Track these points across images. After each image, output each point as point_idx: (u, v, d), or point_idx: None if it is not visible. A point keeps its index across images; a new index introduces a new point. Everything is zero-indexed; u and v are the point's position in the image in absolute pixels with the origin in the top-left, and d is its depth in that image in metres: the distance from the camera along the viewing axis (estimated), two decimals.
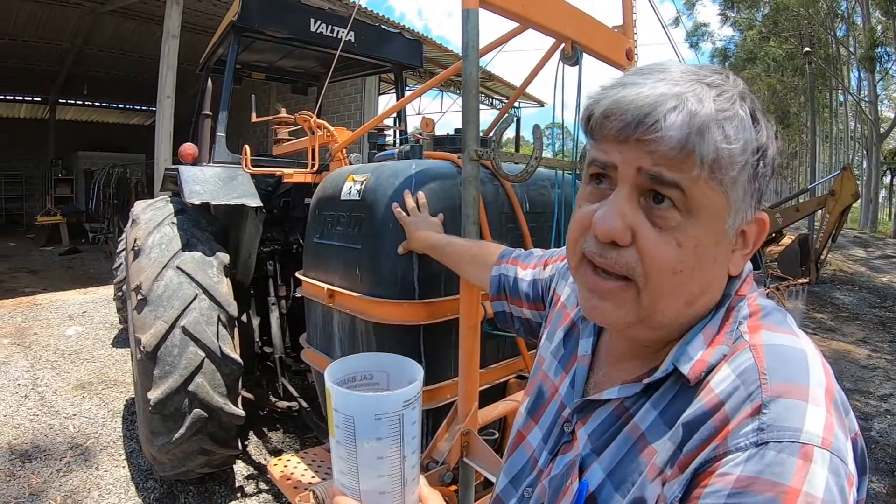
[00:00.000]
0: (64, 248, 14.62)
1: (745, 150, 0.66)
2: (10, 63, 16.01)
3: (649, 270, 0.68)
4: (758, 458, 0.56)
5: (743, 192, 0.69)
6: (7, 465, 3.80)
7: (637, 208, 0.69)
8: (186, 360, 2.95)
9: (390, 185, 2.16)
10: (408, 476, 0.70)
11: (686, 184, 0.66)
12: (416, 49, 4.87)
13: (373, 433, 0.66)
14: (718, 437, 0.61)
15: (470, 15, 1.73)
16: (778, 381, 0.61)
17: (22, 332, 7.00)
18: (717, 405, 0.63)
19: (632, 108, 0.66)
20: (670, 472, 0.65)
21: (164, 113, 9.11)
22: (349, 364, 0.77)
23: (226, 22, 4.00)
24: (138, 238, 3.25)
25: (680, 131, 0.64)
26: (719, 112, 0.65)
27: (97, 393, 5.08)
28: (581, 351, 0.91)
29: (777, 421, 0.58)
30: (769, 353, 0.65)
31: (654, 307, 0.70)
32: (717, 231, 0.69)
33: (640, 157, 0.67)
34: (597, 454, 0.76)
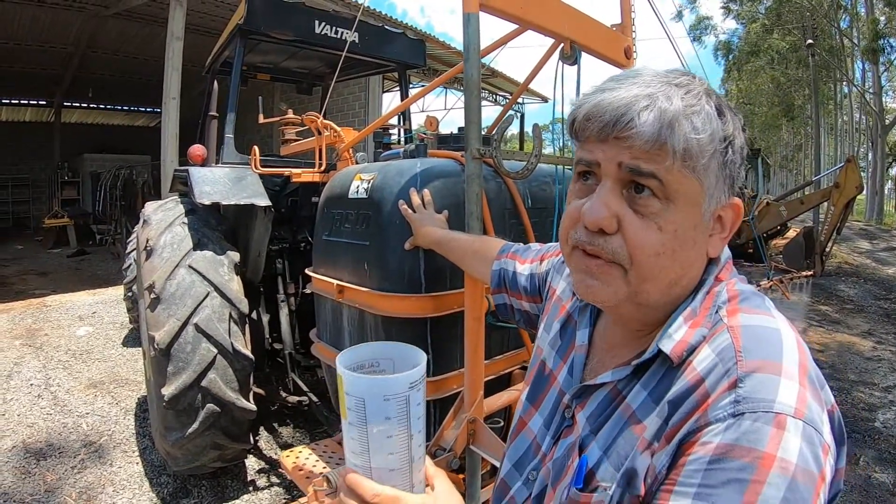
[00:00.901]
0: (72, 250, 14.71)
1: (712, 140, 0.74)
2: (15, 67, 16.12)
3: (633, 253, 0.75)
4: (735, 428, 0.62)
5: (715, 179, 0.76)
6: (22, 463, 3.88)
7: (621, 199, 0.76)
8: (199, 357, 3.02)
9: (396, 184, 2.23)
10: (415, 454, 0.76)
11: (662, 173, 0.73)
12: (419, 48, 4.92)
13: (382, 413, 0.72)
14: (700, 410, 0.66)
15: (471, 18, 1.78)
16: (753, 358, 0.67)
17: (33, 334, 7.08)
18: (698, 382, 0.69)
19: (609, 110, 0.74)
20: (658, 444, 0.70)
21: (169, 114, 9.17)
22: (358, 352, 0.83)
23: (231, 24, 4.06)
24: (150, 238, 3.32)
25: (652, 126, 0.72)
26: (687, 107, 0.73)
27: (109, 391, 5.16)
28: (578, 341, 0.97)
29: (752, 393, 0.63)
30: (745, 333, 0.71)
31: (641, 286, 0.77)
32: (694, 215, 0.76)
33: (619, 153, 0.75)
34: (594, 434, 0.82)
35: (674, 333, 0.77)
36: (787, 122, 32.59)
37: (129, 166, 15.86)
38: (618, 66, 2.45)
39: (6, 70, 16.23)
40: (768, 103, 28.29)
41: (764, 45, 26.31)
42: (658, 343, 0.77)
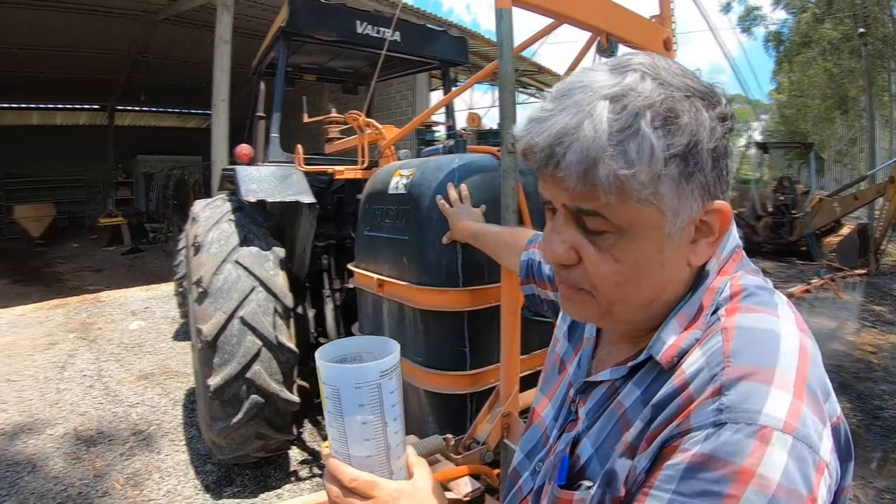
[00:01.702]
0: (126, 248, 15.19)
1: (652, 165, 0.65)
2: (70, 73, 16.67)
3: (594, 284, 0.74)
4: (714, 438, 0.57)
5: (676, 197, 0.68)
6: (73, 450, 4.03)
7: (577, 232, 0.73)
8: (244, 349, 3.11)
9: (434, 179, 2.27)
10: (391, 441, 0.78)
11: (604, 210, 0.68)
12: (461, 46, 4.95)
13: (355, 401, 0.74)
14: (682, 416, 0.62)
15: (503, 14, 1.79)
16: (741, 363, 0.62)
17: (87, 327, 7.36)
18: (683, 385, 0.65)
19: (538, 150, 0.69)
20: (640, 446, 0.67)
21: (219, 116, 9.41)
22: (340, 346, 0.86)
23: (275, 27, 4.15)
24: (198, 235, 3.43)
25: (577, 168, 0.65)
26: (617, 134, 0.64)
27: (159, 383, 5.33)
28: (587, 334, 0.95)
29: (736, 403, 0.58)
30: (738, 335, 0.66)
31: (611, 309, 0.75)
32: (656, 239, 0.70)
33: (559, 194, 0.71)
34: (589, 430, 0.80)
35: (666, 338, 0.73)
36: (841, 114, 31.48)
37: (181, 167, 16.31)
38: None
39: (61, 76, 16.81)
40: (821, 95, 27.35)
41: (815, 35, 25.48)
42: (649, 350, 0.74)
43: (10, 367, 5.82)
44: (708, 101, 0.69)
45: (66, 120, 21.46)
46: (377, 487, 0.76)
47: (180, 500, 3.42)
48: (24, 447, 4.07)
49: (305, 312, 4.15)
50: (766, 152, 14.95)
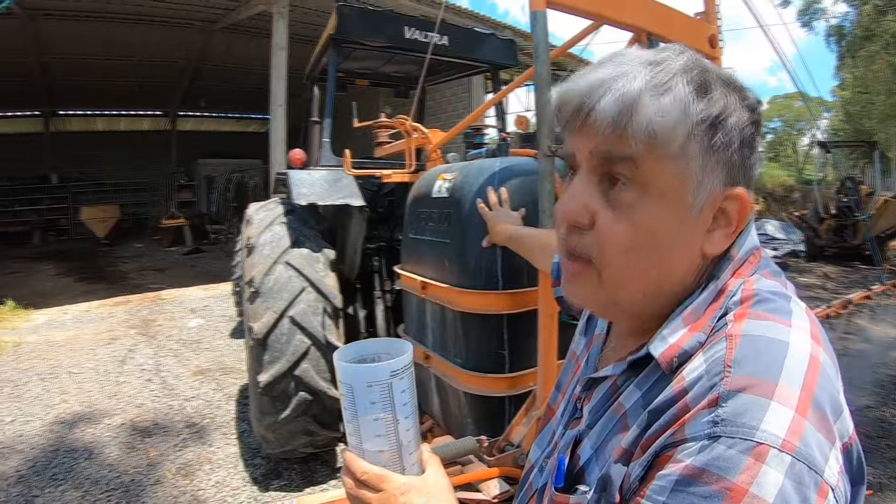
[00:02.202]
0: (187, 249, 15.63)
1: (685, 121, 0.65)
2: (132, 81, 17.39)
3: (604, 252, 0.70)
4: (708, 451, 0.55)
5: (701, 166, 0.67)
6: (129, 439, 4.21)
7: (595, 192, 0.70)
8: (294, 347, 3.21)
9: (475, 182, 2.30)
10: (402, 438, 0.81)
11: (633, 157, 0.66)
12: (509, 48, 4.95)
13: (367, 398, 0.78)
14: (677, 424, 0.60)
15: (538, 17, 1.80)
16: (742, 374, 0.59)
17: (148, 324, 7.64)
18: (681, 392, 0.62)
19: (573, 96, 0.69)
20: (634, 451, 0.66)
21: (276, 120, 9.68)
22: (360, 348, 0.89)
23: (325, 35, 4.26)
24: (251, 236, 3.54)
25: (611, 111, 0.65)
26: (654, 87, 0.65)
27: (214, 378, 5.50)
28: (597, 330, 0.94)
29: (733, 416, 0.56)
30: (743, 343, 0.62)
31: (617, 290, 0.72)
32: (676, 206, 0.68)
33: (588, 141, 0.69)
34: (591, 430, 0.79)
35: (668, 336, 0.70)
36: None
37: (241, 170, 16.71)
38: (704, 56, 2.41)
39: (124, 84, 17.55)
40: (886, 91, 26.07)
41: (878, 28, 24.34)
42: (648, 346, 0.71)
43: (72, 360, 6.09)
44: (737, 90, 0.70)
45: (130, 126, 22.31)
46: (386, 481, 0.79)
47: (228, 490, 3.53)
48: (82, 435, 4.27)
49: (356, 313, 4.23)
50: (829, 152, 14.39)
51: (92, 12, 11.62)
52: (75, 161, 20.35)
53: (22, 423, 4.50)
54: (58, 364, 5.93)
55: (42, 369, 5.77)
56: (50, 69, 15.53)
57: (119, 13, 11.80)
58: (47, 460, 3.88)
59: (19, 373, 5.67)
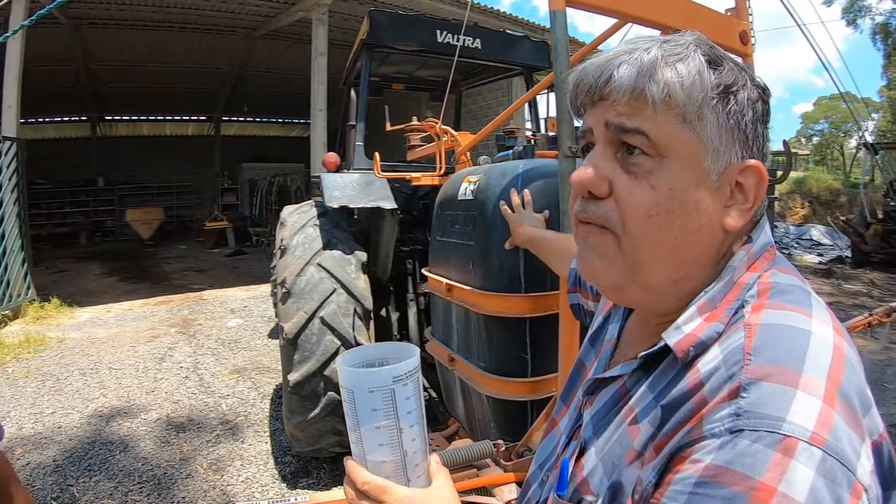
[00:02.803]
0: (230, 250, 15.98)
1: (701, 86, 0.67)
2: (176, 88, 18.00)
3: (624, 215, 0.69)
4: (730, 447, 0.52)
5: (717, 131, 0.67)
6: (163, 434, 4.31)
7: (612, 162, 0.71)
8: (323, 348, 3.25)
9: (499, 185, 2.31)
10: (407, 448, 0.77)
11: (647, 126, 0.67)
12: (543, 51, 4.93)
13: (368, 405, 0.74)
14: (693, 420, 0.57)
15: (557, 16, 1.78)
16: (763, 362, 0.56)
17: (188, 323, 7.82)
18: (696, 386, 0.60)
19: (591, 71, 0.71)
20: (647, 455, 0.62)
21: (317, 125, 9.85)
22: (367, 351, 0.86)
23: (358, 40, 4.31)
24: (284, 238, 3.61)
25: (629, 78, 0.67)
26: (669, 56, 0.68)
27: (250, 377, 5.59)
28: (608, 335, 0.91)
29: (756, 407, 0.53)
30: (762, 332, 0.60)
31: (637, 256, 0.69)
32: (694, 171, 0.68)
33: (606, 113, 0.70)
34: (596, 437, 0.75)
35: (683, 325, 0.67)
36: None
37: (284, 174, 16.98)
38: (733, 53, 2.36)
39: (169, 90, 18.16)
40: None
41: None
42: (663, 335, 0.68)
43: (113, 356, 6.28)
44: (745, 71, 0.71)
45: (175, 130, 22.93)
46: (388, 492, 0.76)
47: (257, 486, 3.59)
48: (118, 429, 4.40)
49: (389, 315, 4.26)
50: (876, 154, 13.96)
51: (136, 21, 12.02)
52: (121, 164, 21.02)
53: (62, 415, 4.66)
54: (99, 360, 6.12)
55: (83, 364, 5.96)
56: (97, 76, 16.12)
57: (163, 21, 12.17)
58: (83, 451, 4.01)
59: (61, 367, 5.87)
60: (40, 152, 17.31)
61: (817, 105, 47.84)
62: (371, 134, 4.35)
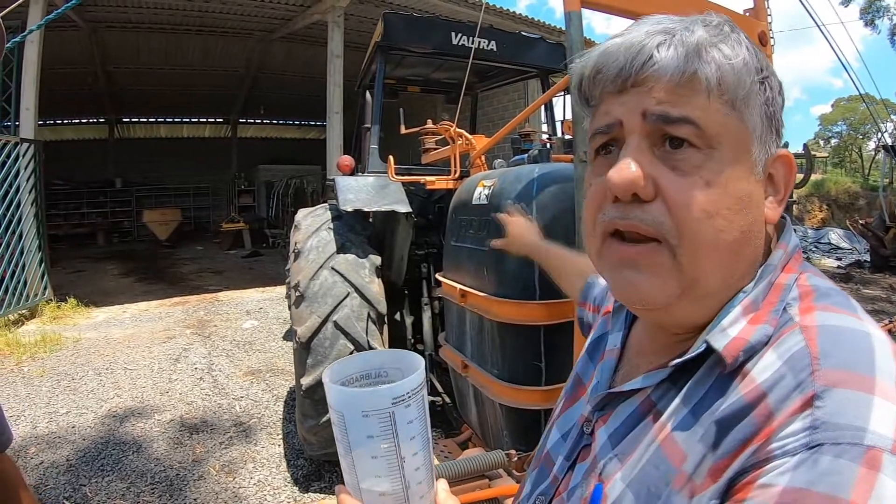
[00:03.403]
0: (246, 252, 16.08)
1: (748, 67, 0.62)
2: (194, 90, 18.09)
3: (681, 220, 0.60)
4: (809, 465, 0.45)
5: (760, 118, 0.63)
6: (176, 435, 4.31)
7: (653, 158, 0.62)
8: (336, 352, 3.23)
9: (514, 189, 2.29)
10: (410, 478, 0.66)
11: (697, 115, 0.60)
12: (559, 53, 4.91)
13: (363, 431, 0.64)
14: (759, 438, 0.50)
15: (572, 17, 1.77)
16: (834, 366, 0.50)
17: (203, 324, 7.85)
18: (758, 397, 0.52)
19: (622, 52, 0.63)
20: (700, 480, 0.54)
21: (333, 127, 9.88)
22: (366, 359, 0.75)
23: (373, 42, 4.31)
24: (298, 241, 3.60)
25: (676, 58, 0.60)
26: (712, 36, 0.62)
27: (265, 379, 5.59)
28: (610, 345, 0.82)
29: (833, 417, 0.47)
30: (823, 334, 0.54)
31: (697, 267, 0.61)
32: (744, 162, 0.62)
33: (642, 101, 0.62)
34: (619, 459, 0.65)
35: (728, 328, 0.60)
36: None
37: (300, 176, 17.09)
38: None
39: (186, 93, 18.26)
40: None
41: None
42: (707, 338, 0.61)
43: (128, 356, 6.30)
44: None
45: (192, 132, 23.10)
46: None
47: (269, 489, 3.58)
48: (131, 429, 4.41)
49: (403, 319, 4.25)
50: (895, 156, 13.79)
51: (153, 23, 12.13)
52: (139, 166, 21.24)
53: (76, 415, 4.68)
54: (114, 360, 6.15)
55: (98, 365, 5.98)
56: (114, 78, 16.27)
57: (180, 24, 12.27)
58: (97, 451, 4.02)
59: (77, 367, 5.90)
60: (58, 154, 17.60)
61: (835, 107, 47.39)
62: (386, 137, 4.35)
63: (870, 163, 35.71)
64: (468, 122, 5.66)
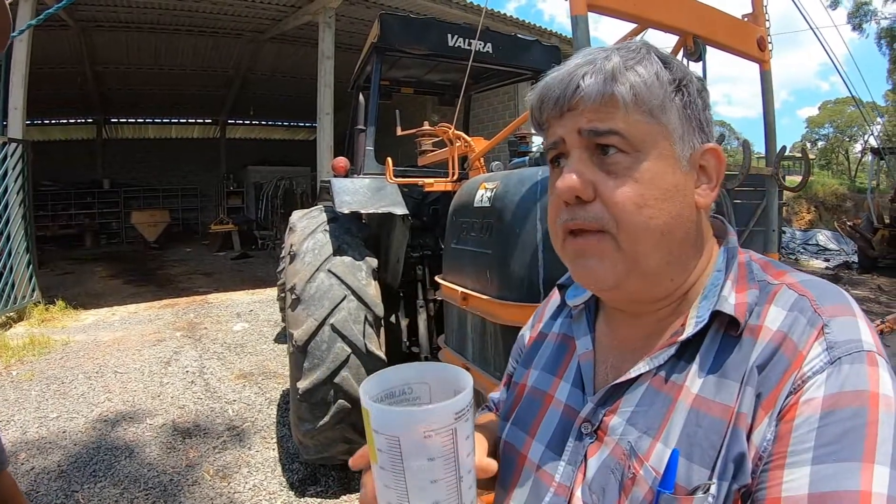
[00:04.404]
0: (235, 254, 16.02)
1: (660, 80, 0.74)
2: (183, 90, 18.03)
3: (617, 213, 0.72)
4: (836, 375, 0.61)
5: (679, 120, 0.75)
6: (169, 440, 4.26)
7: (591, 166, 0.75)
8: (334, 355, 3.20)
9: (517, 192, 2.25)
10: (465, 499, 0.63)
11: (620, 126, 0.73)
12: (553, 55, 4.91)
13: (423, 454, 0.60)
14: (794, 367, 0.64)
15: (579, 21, 1.76)
16: (828, 304, 0.68)
17: (194, 327, 7.78)
18: (782, 338, 0.67)
19: (555, 85, 0.76)
20: (755, 419, 0.64)
21: (323, 128, 9.85)
22: (386, 377, 0.71)
23: (368, 43, 4.28)
24: (294, 244, 3.57)
25: (596, 84, 0.73)
26: (627, 60, 0.74)
27: (257, 382, 5.54)
28: (580, 349, 0.89)
29: (840, 336, 0.64)
30: (808, 285, 0.72)
31: (636, 249, 0.73)
32: (668, 158, 0.75)
33: (576, 121, 0.75)
34: (650, 435, 0.72)
35: (728, 297, 0.74)
36: None
37: (289, 177, 17.07)
38: (750, 59, 2.32)
39: (175, 93, 18.19)
40: None
41: None
42: (717, 306, 0.73)
43: (118, 360, 6.23)
44: (685, 67, 0.80)
45: (181, 133, 23.01)
46: None
47: (265, 494, 3.54)
48: (123, 434, 4.35)
49: (399, 322, 4.22)
50: (882, 158, 13.88)
51: (143, 23, 12.06)
52: (127, 167, 21.16)
53: (66, 419, 4.61)
54: (104, 363, 6.08)
55: (88, 368, 5.91)
56: (103, 78, 16.18)
57: (169, 24, 12.21)
58: (89, 457, 3.96)
59: (66, 371, 5.82)
60: (46, 154, 17.45)
61: (823, 109, 47.80)
62: (379, 138, 4.32)
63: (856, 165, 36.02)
64: (461, 124, 5.65)
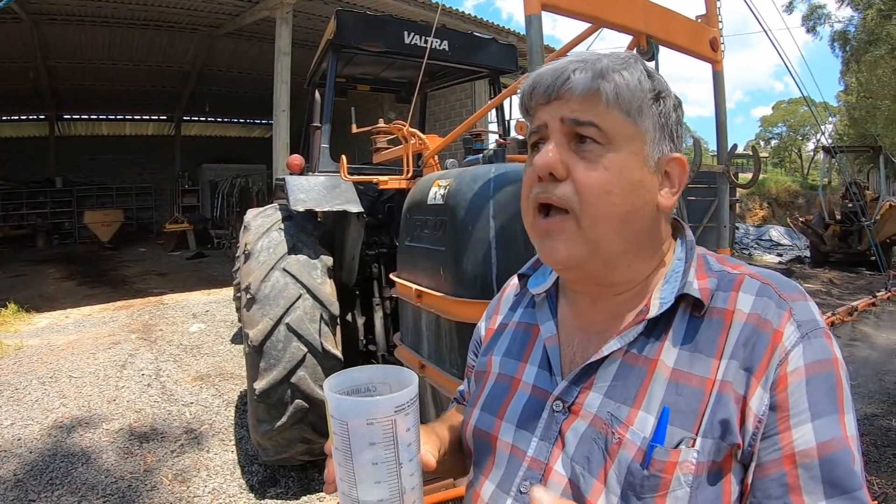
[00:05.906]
0: (191, 253, 15.73)
1: (641, 88, 0.83)
2: (138, 86, 17.60)
3: (583, 194, 0.80)
4: (809, 347, 0.74)
5: (653, 125, 0.84)
6: (126, 445, 4.17)
7: (569, 150, 0.82)
8: (290, 355, 3.18)
9: (470, 189, 2.27)
10: (405, 483, 0.72)
11: (598, 119, 0.80)
12: (510, 53, 4.94)
13: (366, 438, 0.69)
14: (775, 341, 0.75)
15: (533, 20, 1.78)
16: (787, 291, 0.80)
17: (149, 329, 7.63)
18: (760, 320, 0.77)
19: (548, 74, 0.84)
20: (747, 388, 0.74)
21: (280, 126, 9.70)
22: (352, 376, 0.80)
23: (324, 40, 4.24)
24: (248, 243, 3.52)
25: (585, 80, 0.81)
26: (616, 64, 0.83)
27: (214, 384, 5.47)
28: (545, 333, 0.96)
29: (803, 317, 0.76)
30: (765, 276, 0.83)
31: (597, 232, 0.81)
32: (637, 155, 0.83)
33: (560, 109, 0.83)
34: (628, 405, 0.79)
35: (693, 282, 0.83)
36: None
37: (245, 175, 16.84)
38: (703, 60, 2.36)
39: (129, 89, 17.74)
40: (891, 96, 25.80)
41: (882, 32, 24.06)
42: (685, 290, 0.82)
43: (73, 363, 6.07)
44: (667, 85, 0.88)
45: (135, 130, 22.48)
46: None
47: (224, 497, 3.50)
48: (79, 440, 4.25)
49: (355, 320, 4.20)
50: (834, 157, 14.32)
51: (96, 17, 11.73)
52: (80, 165, 20.57)
53: (21, 426, 4.48)
54: (58, 368, 5.92)
55: (42, 373, 5.75)
56: (56, 73, 15.69)
57: (124, 18, 11.91)
58: (45, 465, 3.86)
59: (19, 376, 5.66)
60: None
61: (776, 109, 49.04)
62: (334, 135, 4.29)
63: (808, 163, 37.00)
64: (417, 122, 5.64)
